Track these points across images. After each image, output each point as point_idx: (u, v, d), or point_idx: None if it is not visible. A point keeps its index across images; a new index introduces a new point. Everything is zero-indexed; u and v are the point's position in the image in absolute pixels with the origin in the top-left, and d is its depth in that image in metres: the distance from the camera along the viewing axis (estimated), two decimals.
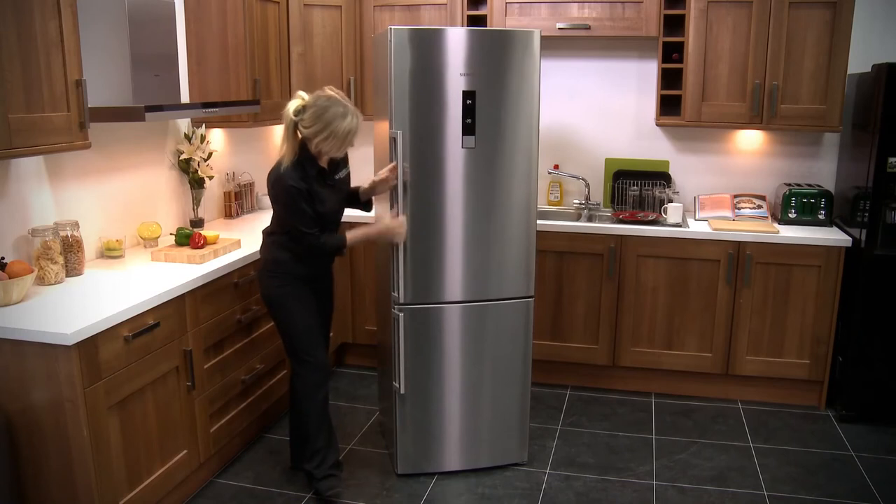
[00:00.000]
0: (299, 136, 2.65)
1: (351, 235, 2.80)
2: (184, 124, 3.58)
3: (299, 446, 2.98)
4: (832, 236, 3.57)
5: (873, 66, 3.48)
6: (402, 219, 2.83)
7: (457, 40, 2.80)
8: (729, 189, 4.11)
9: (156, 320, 2.55)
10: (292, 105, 2.63)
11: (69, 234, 2.76)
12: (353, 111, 2.63)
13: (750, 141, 4.07)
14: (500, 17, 3.90)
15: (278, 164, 2.67)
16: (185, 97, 3.51)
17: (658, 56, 3.87)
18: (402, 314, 2.90)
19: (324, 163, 2.72)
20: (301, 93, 2.68)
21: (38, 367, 2.25)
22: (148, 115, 2.64)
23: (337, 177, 2.81)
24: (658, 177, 4.13)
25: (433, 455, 3.09)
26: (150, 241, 3.20)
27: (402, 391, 2.96)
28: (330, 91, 2.66)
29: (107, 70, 2.79)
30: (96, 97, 2.65)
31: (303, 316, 2.80)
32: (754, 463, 3.21)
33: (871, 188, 3.42)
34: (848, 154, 3.82)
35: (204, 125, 3.67)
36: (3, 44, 2.18)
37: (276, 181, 2.65)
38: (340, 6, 4.04)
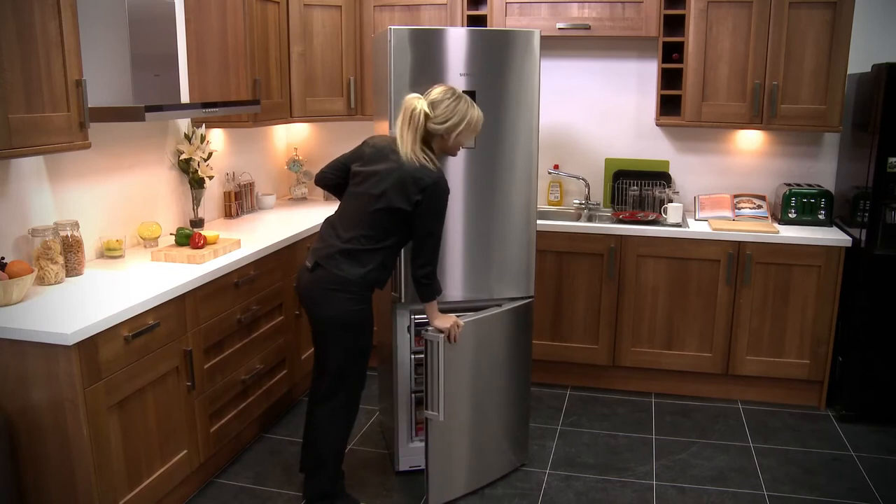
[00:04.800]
0: (420, 135, 2.52)
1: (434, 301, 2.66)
2: (184, 124, 3.58)
3: (313, 461, 2.81)
4: (832, 236, 3.57)
5: (873, 66, 3.48)
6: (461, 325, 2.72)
7: (457, 40, 2.80)
8: (729, 189, 4.11)
9: (156, 320, 2.55)
10: (420, 103, 2.50)
11: (69, 234, 2.76)
12: (473, 103, 2.58)
13: (750, 141, 4.07)
14: (500, 17, 3.90)
15: (429, 168, 2.50)
16: (185, 97, 3.51)
17: (658, 56, 3.87)
18: (439, 339, 2.68)
19: None
20: (413, 95, 2.54)
21: (38, 367, 2.25)
22: (148, 115, 2.64)
23: None
24: (658, 177, 4.13)
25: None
26: (150, 241, 3.20)
27: (441, 418, 2.76)
28: (444, 85, 2.59)
29: (107, 70, 2.79)
30: (96, 97, 2.65)
31: (370, 338, 2.68)
32: (754, 463, 3.21)
33: (871, 188, 3.42)
34: (848, 154, 3.82)
35: (204, 125, 3.67)
36: (3, 44, 2.18)
37: (437, 186, 2.49)
38: (340, 6, 4.04)
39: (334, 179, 2.77)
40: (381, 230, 2.56)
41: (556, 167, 4.27)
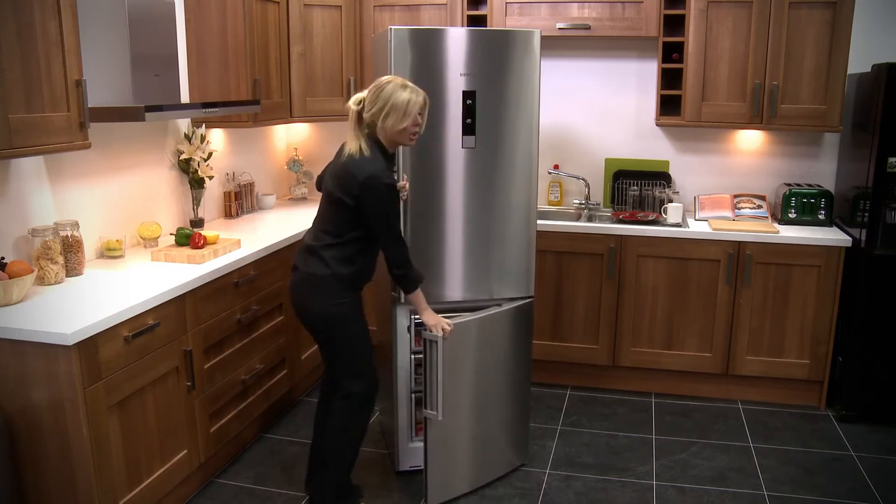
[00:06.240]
0: (363, 129, 2.55)
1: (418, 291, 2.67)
2: (184, 124, 3.58)
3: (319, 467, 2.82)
4: (832, 236, 3.57)
5: (873, 66, 3.48)
6: (450, 326, 2.70)
7: (457, 40, 2.80)
8: (729, 189, 4.11)
9: (156, 320, 2.55)
10: (355, 97, 2.56)
11: (69, 234, 2.76)
12: (414, 88, 2.54)
13: (750, 141, 4.07)
14: (500, 17, 3.90)
15: (359, 161, 2.49)
16: (185, 97, 3.51)
17: (658, 56, 3.87)
18: (438, 339, 2.68)
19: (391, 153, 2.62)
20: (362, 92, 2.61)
21: (38, 367, 2.25)
22: (148, 115, 2.64)
23: None
24: (658, 177, 4.13)
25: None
26: (150, 241, 3.20)
27: (440, 418, 2.76)
28: (390, 76, 2.60)
29: (107, 70, 2.79)
30: (96, 97, 2.65)
31: (362, 328, 2.67)
32: (754, 463, 3.21)
33: (871, 188, 3.42)
34: (848, 154, 3.82)
35: (204, 125, 3.67)
36: (3, 44, 2.18)
37: (370, 180, 2.46)
38: (340, 6, 4.04)
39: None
40: (339, 225, 2.58)
41: (556, 167, 4.27)
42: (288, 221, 3.85)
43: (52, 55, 2.36)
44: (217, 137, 3.86)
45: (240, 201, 4.02)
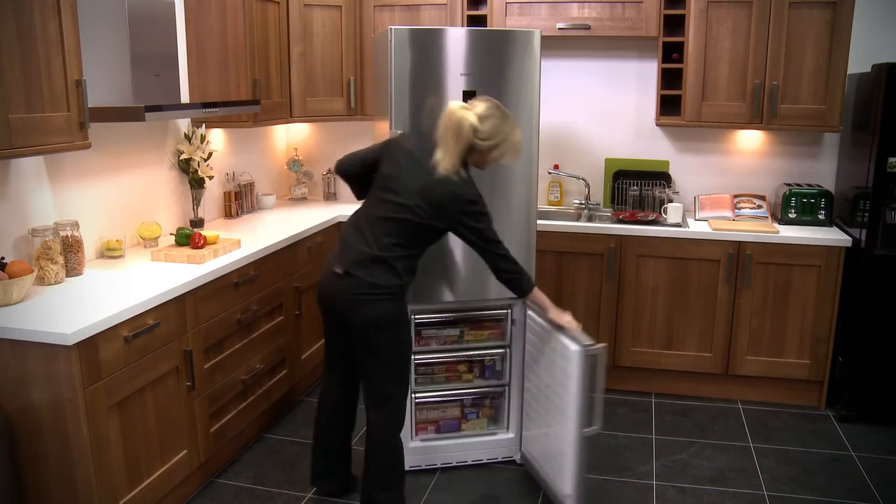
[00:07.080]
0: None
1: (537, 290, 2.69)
2: (184, 124, 3.58)
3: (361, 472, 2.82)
4: (832, 236, 3.57)
5: (873, 66, 3.48)
6: (574, 324, 2.73)
7: (457, 40, 2.80)
8: (729, 189, 4.11)
9: (156, 320, 2.55)
10: (469, 115, 2.47)
11: (69, 234, 2.76)
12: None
13: (750, 141, 4.07)
14: (500, 17, 3.90)
15: (459, 183, 2.48)
16: (185, 97, 3.51)
17: (658, 56, 3.87)
18: (600, 351, 2.65)
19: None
20: (456, 102, 2.52)
21: (38, 367, 2.25)
22: (148, 115, 2.64)
23: None
24: (658, 177, 4.13)
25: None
26: (150, 241, 3.20)
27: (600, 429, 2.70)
28: (489, 100, 2.55)
29: (107, 70, 2.79)
30: (96, 97, 2.65)
31: (411, 332, 2.68)
32: (754, 463, 3.21)
33: (871, 188, 3.42)
34: (848, 154, 3.82)
35: (204, 125, 3.67)
36: (3, 44, 2.18)
37: (473, 205, 2.48)
38: (340, 6, 4.04)
39: (358, 172, 2.71)
40: (413, 240, 2.52)
41: (556, 167, 4.27)
42: (288, 221, 3.85)
43: (52, 55, 2.36)
44: (217, 137, 3.86)
45: (240, 201, 4.02)
